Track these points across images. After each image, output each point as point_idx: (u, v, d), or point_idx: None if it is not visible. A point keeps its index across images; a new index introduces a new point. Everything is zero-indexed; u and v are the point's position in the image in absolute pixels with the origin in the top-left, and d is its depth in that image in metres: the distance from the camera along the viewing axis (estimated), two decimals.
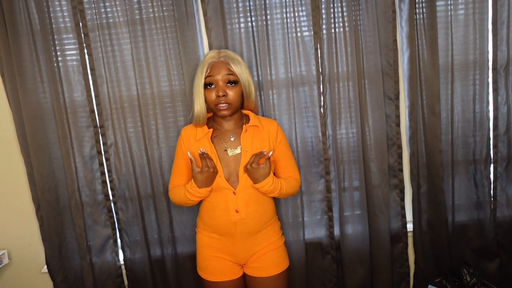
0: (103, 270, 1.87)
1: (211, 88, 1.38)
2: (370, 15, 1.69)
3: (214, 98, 1.37)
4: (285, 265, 1.51)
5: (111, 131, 1.75)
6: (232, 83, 1.38)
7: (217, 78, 1.36)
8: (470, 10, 1.72)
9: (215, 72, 1.36)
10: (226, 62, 1.38)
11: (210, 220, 1.47)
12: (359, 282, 1.90)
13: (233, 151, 1.43)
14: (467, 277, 1.81)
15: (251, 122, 1.45)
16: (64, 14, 1.67)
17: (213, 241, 1.48)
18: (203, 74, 1.38)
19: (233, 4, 1.68)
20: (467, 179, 1.86)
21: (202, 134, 1.43)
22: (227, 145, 1.44)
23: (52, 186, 1.76)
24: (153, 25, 1.68)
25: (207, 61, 1.39)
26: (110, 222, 1.85)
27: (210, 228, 1.48)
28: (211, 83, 1.38)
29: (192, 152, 1.44)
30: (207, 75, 1.37)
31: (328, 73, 1.74)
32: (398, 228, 1.88)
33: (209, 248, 1.49)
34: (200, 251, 1.53)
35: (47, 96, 1.71)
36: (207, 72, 1.37)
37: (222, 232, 1.45)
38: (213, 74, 1.36)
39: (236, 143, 1.44)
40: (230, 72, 1.37)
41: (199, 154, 1.40)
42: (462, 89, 1.78)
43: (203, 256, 1.51)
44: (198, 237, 1.55)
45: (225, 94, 1.35)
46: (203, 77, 1.37)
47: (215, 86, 1.37)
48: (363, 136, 1.78)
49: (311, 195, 1.85)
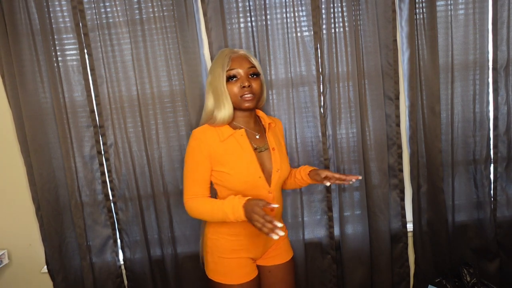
0: (103, 270, 1.87)
1: (233, 81, 1.33)
2: (370, 15, 1.69)
3: (238, 90, 1.32)
4: (292, 253, 1.56)
5: (111, 131, 1.75)
6: (254, 75, 1.35)
7: (240, 71, 1.32)
8: (470, 10, 1.71)
9: (237, 65, 1.32)
10: (246, 55, 1.36)
11: (243, 223, 1.29)
12: (359, 282, 1.90)
13: (262, 149, 1.39)
14: (467, 277, 1.81)
15: (267, 120, 1.44)
16: (64, 14, 1.67)
17: (235, 243, 1.39)
18: (224, 67, 1.32)
19: (233, 4, 1.68)
20: (467, 179, 1.86)
21: (227, 134, 1.33)
22: (255, 144, 1.38)
23: (52, 186, 1.76)
24: (153, 25, 1.68)
25: (227, 55, 1.34)
26: (110, 222, 1.85)
27: (237, 231, 1.37)
28: (235, 75, 1.33)
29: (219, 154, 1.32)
30: (229, 67, 1.32)
31: (328, 73, 1.74)
32: (398, 228, 1.88)
33: (232, 251, 1.39)
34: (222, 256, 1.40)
35: (47, 96, 1.71)
36: (228, 65, 1.32)
37: (254, 233, 1.36)
38: (235, 67, 1.32)
39: (262, 140, 1.40)
40: (251, 64, 1.35)
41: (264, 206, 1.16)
42: (462, 89, 1.78)
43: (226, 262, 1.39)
44: (218, 243, 1.40)
45: (250, 84, 1.31)
46: (225, 70, 1.32)
47: (237, 79, 1.33)
48: (363, 136, 1.78)
49: (311, 195, 1.85)
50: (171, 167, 1.78)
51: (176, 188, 1.80)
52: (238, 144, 1.34)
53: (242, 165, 1.32)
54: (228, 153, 1.32)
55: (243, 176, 1.32)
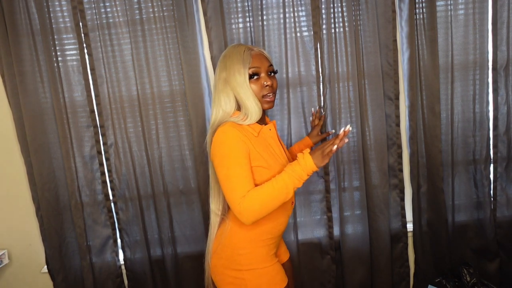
0: (103, 270, 1.87)
1: (254, 79, 1.27)
2: (370, 15, 1.69)
3: (260, 88, 1.27)
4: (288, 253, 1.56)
5: (111, 131, 1.76)
6: (272, 73, 1.31)
7: (261, 69, 1.28)
8: (470, 10, 1.72)
9: (258, 62, 1.27)
10: (263, 53, 1.32)
11: (277, 226, 1.31)
12: (359, 282, 1.90)
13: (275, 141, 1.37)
14: (467, 277, 1.81)
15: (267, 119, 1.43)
16: (64, 14, 1.67)
17: (271, 248, 1.34)
18: (246, 65, 1.26)
19: (233, 4, 1.68)
20: (467, 179, 1.86)
21: (257, 130, 1.30)
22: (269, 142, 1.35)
23: (52, 186, 1.76)
24: (153, 25, 1.69)
25: (246, 52, 1.28)
26: (110, 222, 1.85)
27: (271, 235, 1.32)
28: (257, 73, 1.27)
29: (255, 149, 1.25)
30: (251, 65, 1.26)
31: (328, 73, 1.74)
32: (398, 228, 1.88)
33: (270, 257, 1.34)
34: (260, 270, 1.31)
35: (47, 96, 1.71)
36: (250, 62, 1.26)
37: (281, 232, 1.36)
38: (258, 65, 1.27)
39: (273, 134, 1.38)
40: (270, 63, 1.31)
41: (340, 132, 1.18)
42: (462, 89, 1.78)
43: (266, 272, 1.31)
44: (254, 256, 1.31)
45: (272, 83, 1.29)
46: (247, 67, 1.26)
47: (259, 77, 1.28)
48: (363, 136, 1.78)
49: (310, 195, 1.85)
50: (171, 167, 1.78)
51: (176, 188, 1.80)
52: (270, 138, 1.33)
53: (276, 158, 1.30)
54: (263, 147, 1.28)
55: (277, 168, 1.27)
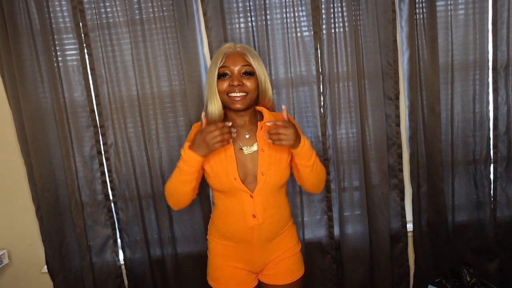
0: (103, 270, 1.87)
1: (225, 78, 1.27)
2: (370, 15, 1.69)
3: (226, 87, 1.26)
4: (300, 272, 1.44)
5: (111, 131, 1.75)
6: (248, 74, 1.28)
7: (233, 68, 1.26)
8: (470, 10, 1.71)
9: (230, 62, 1.27)
10: (243, 53, 1.29)
11: (224, 227, 1.35)
12: (359, 282, 1.90)
13: (249, 149, 1.30)
14: (467, 277, 1.81)
15: (265, 119, 1.33)
16: (64, 14, 1.67)
17: (228, 249, 1.37)
18: (217, 64, 1.26)
19: (233, 4, 1.68)
20: (467, 179, 1.86)
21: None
22: (242, 143, 1.32)
23: (52, 186, 1.76)
24: (153, 25, 1.68)
25: (223, 51, 1.29)
26: (110, 222, 1.85)
27: (224, 235, 1.36)
28: (226, 73, 1.27)
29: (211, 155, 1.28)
30: (221, 65, 1.26)
31: (328, 73, 1.74)
32: (398, 228, 1.88)
33: (223, 257, 1.39)
34: (213, 260, 1.41)
35: (47, 96, 1.71)
36: (222, 62, 1.27)
37: (238, 239, 1.34)
38: (228, 65, 1.26)
39: (252, 140, 1.32)
40: (246, 63, 1.27)
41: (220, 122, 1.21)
42: (462, 89, 1.78)
43: (216, 266, 1.40)
44: (210, 245, 1.43)
45: (240, 83, 1.25)
46: (217, 67, 1.26)
47: (229, 77, 1.27)
48: (363, 136, 1.78)
49: (310, 195, 1.85)
50: (171, 167, 1.78)
51: None
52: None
53: (220, 166, 1.28)
54: (216, 153, 1.28)
55: (219, 177, 1.27)
